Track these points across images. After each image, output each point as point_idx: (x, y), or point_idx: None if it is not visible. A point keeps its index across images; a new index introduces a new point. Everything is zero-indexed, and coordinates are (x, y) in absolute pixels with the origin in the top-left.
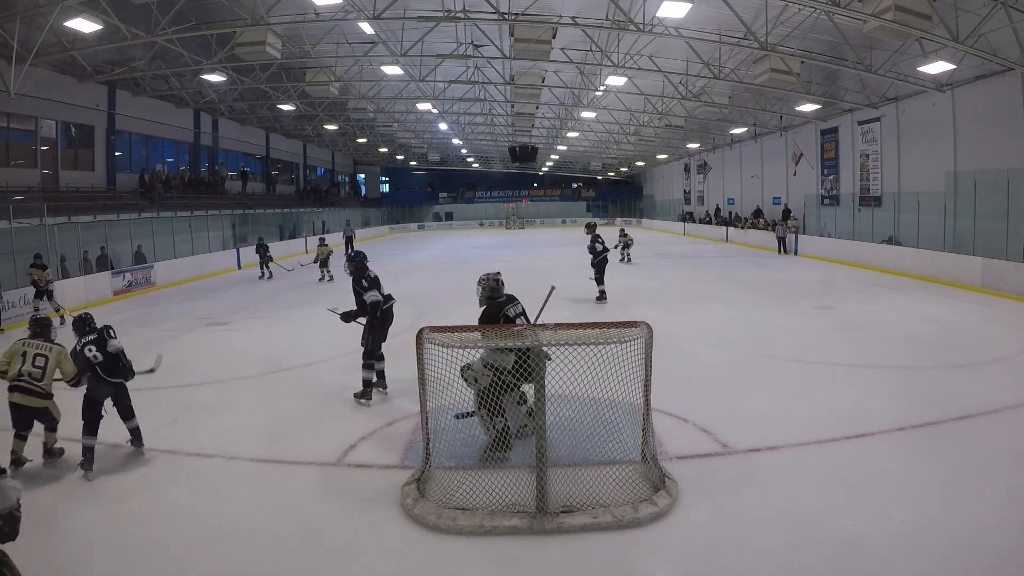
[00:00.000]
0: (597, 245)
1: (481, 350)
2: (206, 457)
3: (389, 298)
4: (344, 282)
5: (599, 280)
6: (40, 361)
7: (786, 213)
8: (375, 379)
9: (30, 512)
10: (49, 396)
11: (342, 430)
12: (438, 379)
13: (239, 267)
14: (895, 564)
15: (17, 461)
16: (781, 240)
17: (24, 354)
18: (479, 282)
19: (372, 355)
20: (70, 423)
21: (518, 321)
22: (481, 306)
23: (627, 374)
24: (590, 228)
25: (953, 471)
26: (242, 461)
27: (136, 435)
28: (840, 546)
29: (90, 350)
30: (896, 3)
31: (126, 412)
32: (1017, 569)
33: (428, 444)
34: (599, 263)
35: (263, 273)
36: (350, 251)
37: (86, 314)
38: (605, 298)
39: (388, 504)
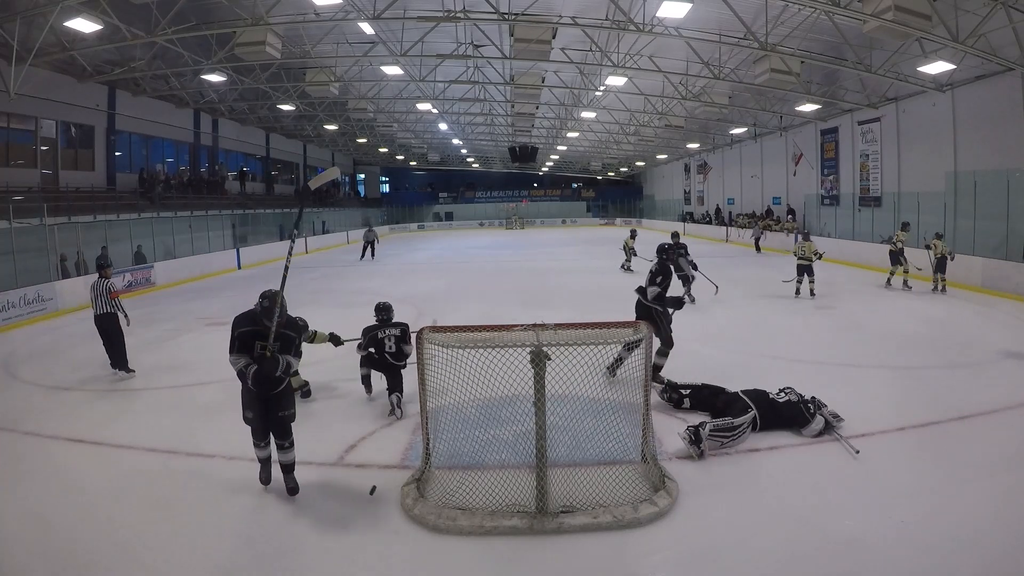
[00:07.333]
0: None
1: None
2: (206, 457)
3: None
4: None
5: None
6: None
7: (791, 212)
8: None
9: (28, 515)
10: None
11: (342, 430)
12: (438, 379)
13: (239, 267)
14: (895, 563)
15: None
16: (756, 240)
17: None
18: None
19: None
20: None
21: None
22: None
23: (627, 374)
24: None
25: (953, 471)
26: (242, 461)
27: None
28: (840, 546)
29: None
30: (896, 3)
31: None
32: (1017, 569)
33: (428, 444)
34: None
35: None
36: (371, 256)
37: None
38: None
39: (388, 504)
